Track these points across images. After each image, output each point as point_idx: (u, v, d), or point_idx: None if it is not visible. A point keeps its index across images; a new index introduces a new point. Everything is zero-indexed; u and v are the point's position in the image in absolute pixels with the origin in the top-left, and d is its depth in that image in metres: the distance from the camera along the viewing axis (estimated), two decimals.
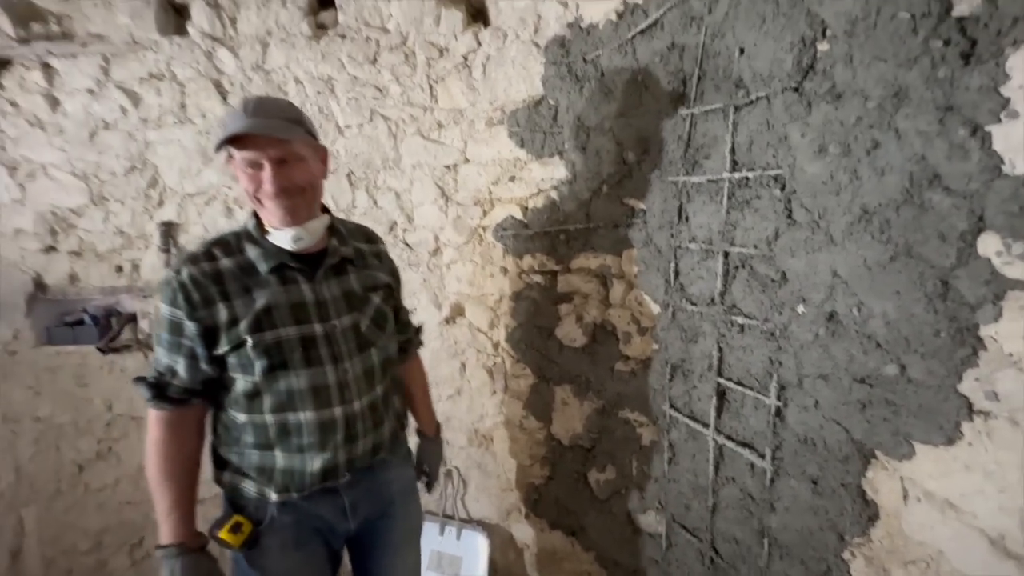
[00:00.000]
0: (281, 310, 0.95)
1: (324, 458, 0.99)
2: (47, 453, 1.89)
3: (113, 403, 1.88)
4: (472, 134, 1.69)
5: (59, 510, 1.92)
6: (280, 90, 1.73)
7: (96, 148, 1.74)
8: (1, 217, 1.77)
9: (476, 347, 1.76)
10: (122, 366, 1.86)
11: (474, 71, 1.67)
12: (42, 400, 1.87)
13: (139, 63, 1.70)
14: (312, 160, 0.98)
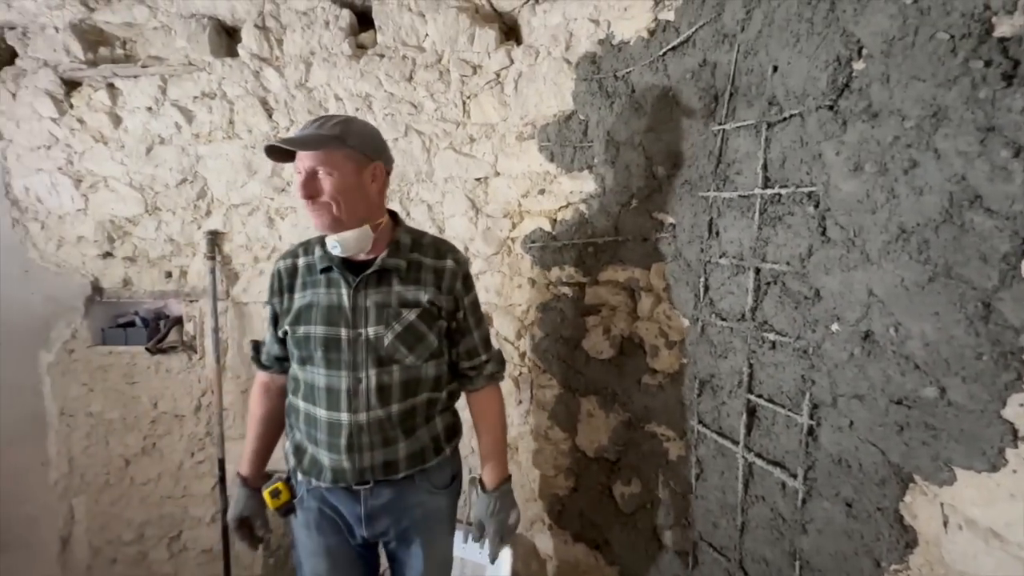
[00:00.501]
0: (317, 309, 1.05)
1: (332, 458, 1.05)
2: (98, 447, 2.00)
3: (158, 401, 1.98)
4: (503, 148, 1.73)
5: (106, 501, 2.02)
6: (321, 107, 1.81)
7: (152, 162, 1.86)
8: (66, 225, 1.90)
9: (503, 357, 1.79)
10: (168, 366, 1.96)
11: (506, 87, 1.71)
12: (95, 396, 1.99)
13: (193, 83, 1.81)
14: (349, 173, 1.00)
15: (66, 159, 1.87)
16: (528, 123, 1.69)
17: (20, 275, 1.92)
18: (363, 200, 1.03)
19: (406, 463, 1.07)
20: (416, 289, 1.07)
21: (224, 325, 1.91)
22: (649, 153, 1.42)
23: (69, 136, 1.86)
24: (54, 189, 1.87)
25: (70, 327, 1.95)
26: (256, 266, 1.90)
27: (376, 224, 1.06)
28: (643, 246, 1.49)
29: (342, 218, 1.00)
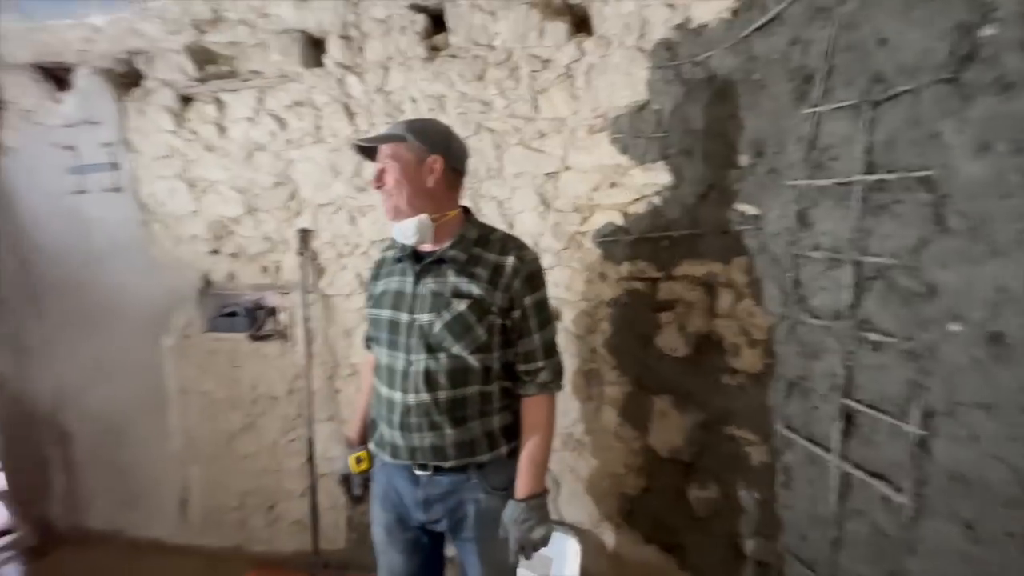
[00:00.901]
0: (388, 295, 1.15)
1: (390, 433, 1.13)
2: (208, 422, 2.26)
3: (257, 384, 2.19)
4: (573, 142, 1.72)
5: (215, 471, 2.27)
6: (398, 109, 1.90)
7: (251, 167, 2.05)
8: (182, 225, 2.15)
9: (572, 352, 1.78)
10: (265, 352, 2.16)
11: (576, 80, 1.70)
12: (206, 377, 2.23)
13: (286, 93, 1.97)
14: (408, 164, 1.08)
15: (182, 167, 2.11)
16: (599, 115, 1.67)
17: (147, 269, 2.21)
18: (420, 189, 1.09)
19: (454, 451, 1.09)
20: (470, 282, 1.08)
21: (312, 316, 2.07)
22: (730, 141, 1.34)
23: (184, 146, 2.10)
24: (173, 194, 2.12)
25: (186, 315, 2.20)
26: (340, 261, 2.03)
27: (440, 216, 1.11)
28: (722, 239, 1.42)
29: (401, 206, 1.09)
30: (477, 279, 1.08)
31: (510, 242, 1.14)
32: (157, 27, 2.00)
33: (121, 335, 2.28)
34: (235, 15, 1.94)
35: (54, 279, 2.32)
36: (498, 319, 1.09)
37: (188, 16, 1.96)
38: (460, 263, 1.09)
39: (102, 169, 2.17)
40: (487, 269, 1.09)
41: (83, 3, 2.01)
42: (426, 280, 1.10)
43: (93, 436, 2.40)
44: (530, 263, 1.12)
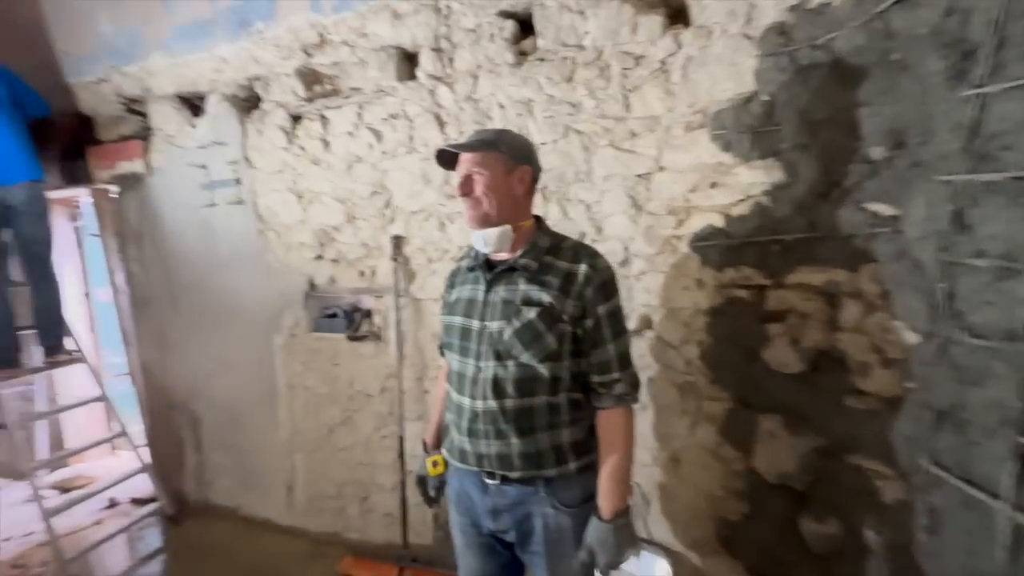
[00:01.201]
0: (461, 302, 1.17)
1: (459, 439, 1.14)
2: (311, 415, 2.44)
3: (354, 381, 2.33)
4: (668, 141, 1.62)
5: (316, 461, 2.46)
6: (486, 116, 1.92)
7: (351, 178, 2.18)
8: (292, 233, 2.35)
9: (665, 362, 1.68)
10: (361, 352, 2.29)
11: (672, 75, 1.60)
12: (309, 373, 2.42)
13: (382, 107, 2.08)
14: (499, 173, 1.10)
15: (292, 179, 2.31)
16: (698, 111, 1.56)
17: (262, 274, 2.44)
18: (509, 199, 1.11)
19: (521, 462, 1.07)
20: (540, 290, 1.08)
21: (404, 319, 2.16)
22: (861, 132, 1.18)
23: (294, 161, 2.29)
24: (284, 205, 2.33)
25: (294, 316, 2.41)
26: (430, 266, 2.10)
27: (519, 225, 1.13)
28: (848, 244, 1.25)
29: (491, 213, 1.10)
30: (548, 287, 1.07)
31: (582, 250, 1.13)
32: (272, 54, 2.20)
33: (241, 332, 2.55)
34: (338, 37, 2.08)
35: (189, 282, 2.65)
36: (569, 327, 1.07)
37: (298, 41, 2.13)
38: (531, 271, 1.10)
39: (228, 185, 2.43)
40: (558, 277, 1.08)
41: (213, 37, 2.27)
42: (497, 288, 1.12)
43: (217, 421, 2.70)
44: (603, 271, 1.10)
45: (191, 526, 2.69)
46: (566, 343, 1.07)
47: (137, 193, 2.69)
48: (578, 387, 1.12)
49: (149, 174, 2.64)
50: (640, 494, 1.79)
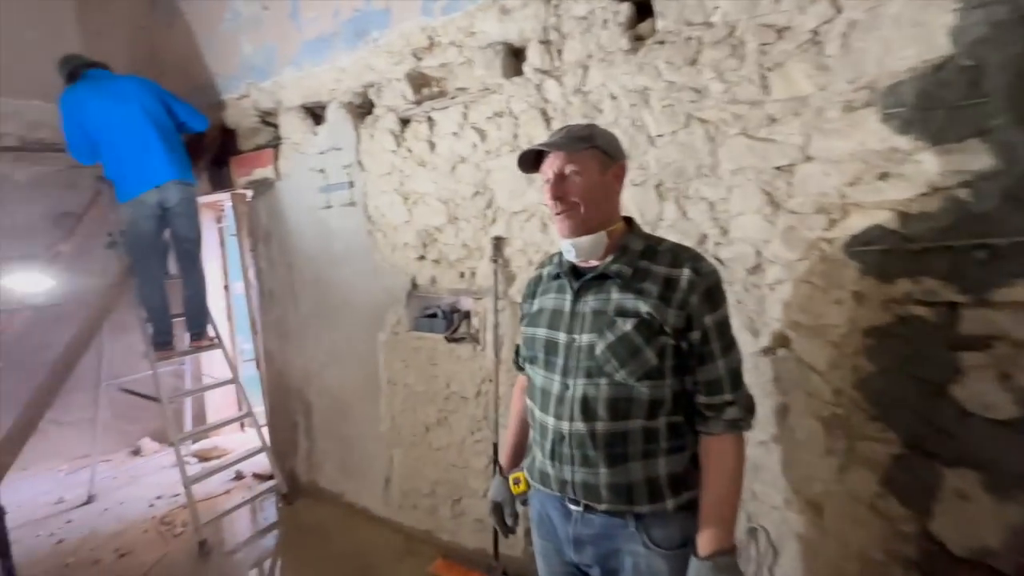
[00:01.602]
0: (545, 313, 1.08)
1: (540, 460, 1.05)
2: (409, 412, 2.49)
3: (450, 382, 2.33)
4: (819, 125, 1.36)
5: (412, 457, 2.50)
6: (596, 109, 1.79)
7: (455, 178, 2.18)
8: (398, 234, 2.41)
9: (806, 389, 1.42)
10: (459, 353, 2.28)
11: (827, 46, 1.34)
12: (409, 371, 2.47)
13: (487, 105, 2.04)
14: (595, 172, 1.00)
15: (399, 181, 2.37)
16: (862, 87, 1.28)
17: (370, 273, 2.54)
18: (606, 200, 1.03)
19: (608, 494, 0.96)
20: (636, 298, 0.96)
21: (502, 322, 2.10)
22: None
23: (402, 163, 2.35)
24: (392, 206, 2.40)
25: (396, 314, 2.47)
26: (530, 269, 2.02)
27: (609, 230, 1.03)
28: None
29: (588, 219, 1.00)
30: (645, 295, 0.96)
31: (682, 253, 1.01)
32: (385, 60, 2.27)
33: (350, 327, 2.68)
34: (446, 38, 2.08)
35: (307, 279, 2.85)
36: (671, 341, 0.94)
37: (409, 46, 2.17)
38: (625, 278, 0.99)
39: (342, 188, 2.57)
40: (657, 284, 0.97)
41: (335, 49, 2.41)
42: (586, 298, 1.02)
43: (327, 410, 2.88)
44: (708, 276, 0.97)
45: (301, 506, 2.90)
46: (668, 358, 0.95)
47: (267, 197, 2.97)
48: (680, 410, 0.99)
49: (278, 179, 2.89)
50: (767, 540, 1.53)
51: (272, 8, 2.64)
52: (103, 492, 3.09)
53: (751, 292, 1.52)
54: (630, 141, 1.71)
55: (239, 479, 3.22)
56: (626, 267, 0.99)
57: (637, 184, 1.71)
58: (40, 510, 2.93)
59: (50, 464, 3.47)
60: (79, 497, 3.03)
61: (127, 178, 2.57)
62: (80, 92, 2.53)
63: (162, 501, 2.98)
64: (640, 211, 1.71)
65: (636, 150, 1.70)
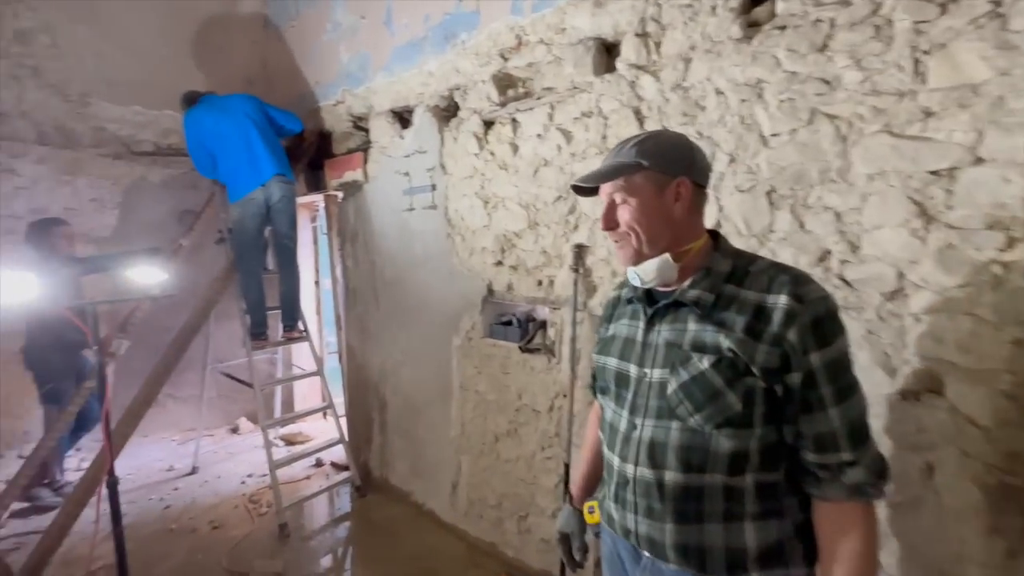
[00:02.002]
0: (617, 341, 0.97)
1: (607, 499, 0.96)
2: (480, 419, 2.44)
3: (522, 393, 2.24)
4: (997, 118, 1.09)
5: (480, 466, 2.45)
6: (697, 106, 1.61)
7: (537, 182, 2.09)
8: (476, 238, 2.38)
9: (962, 446, 1.14)
10: (532, 364, 2.19)
11: (1014, 20, 1.06)
12: (481, 378, 2.42)
13: (575, 105, 1.93)
14: (648, 196, 0.87)
15: (480, 185, 2.33)
16: None
17: (447, 276, 2.53)
18: (666, 224, 0.88)
19: (676, 556, 0.83)
20: (717, 331, 0.81)
21: (580, 335, 1.98)
22: None
23: (484, 166, 2.30)
24: (472, 210, 2.36)
25: (471, 319, 2.43)
26: (613, 280, 1.87)
27: (684, 249, 0.89)
28: None
29: (643, 249, 0.89)
30: (728, 328, 0.81)
31: (782, 275, 0.82)
32: (472, 62, 2.24)
33: (426, 329, 2.69)
34: (535, 36, 2.00)
35: (388, 278, 2.92)
36: (761, 383, 0.78)
37: (496, 47, 2.12)
38: (704, 306, 0.85)
39: (425, 190, 2.59)
40: (745, 313, 0.81)
41: (424, 54, 2.43)
42: (660, 327, 0.89)
43: (400, 408, 2.92)
44: (814, 304, 0.78)
45: (372, 500, 2.97)
46: (757, 404, 0.78)
47: (356, 198, 3.08)
48: (775, 466, 0.81)
49: (366, 181, 2.99)
50: None
51: (369, 16, 2.74)
52: (205, 464, 3.39)
53: (888, 322, 1.26)
54: (737, 142, 1.51)
55: (319, 466, 3.38)
56: (706, 293, 0.85)
57: (743, 190, 1.51)
58: (154, 475, 3.28)
59: (166, 433, 3.89)
60: (186, 467, 3.36)
61: (238, 180, 2.79)
62: (197, 112, 2.81)
63: (252, 480, 3.20)
64: (746, 221, 1.50)
65: (744, 152, 1.50)
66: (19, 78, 2.77)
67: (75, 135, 3.04)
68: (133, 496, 2.98)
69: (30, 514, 2.74)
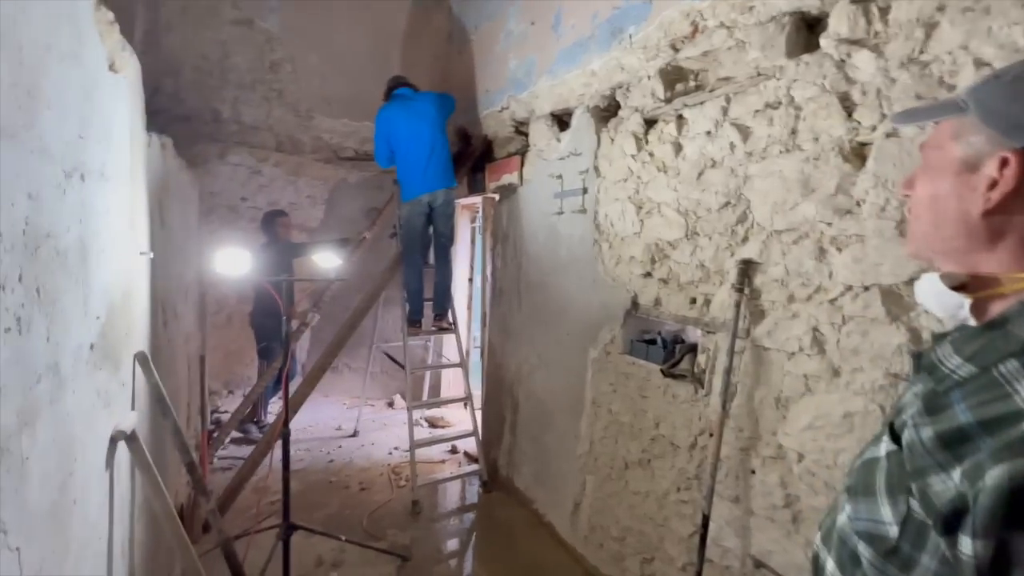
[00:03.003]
0: (903, 408, 0.57)
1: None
2: (610, 441, 2.26)
3: (660, 422, 2.00)
4: None
5: (606, 491, 2.27)
6: (942, 84, 1.20)
7: (700, 186, 1.83)
8: (624, 245, 2.21)
9: None
10: (675, 392, 1.93)
11: None
12: (615, 397, 2.24)
13: (757, 95, 1.63)
14: (949, 162, 0.55)
15: (635, 189, 2.15)
16: None
17: (590, 284, 2.41)
18: (952, 216, 0.55)
19: None
20: (949, 457, 0.45)
21: (738, 367, 1.67)
22: None
23: (640, 168, 2.12)
24: (623, 215, 2.20)
25: (611, 332, 2.27)
26: (790, 307, 1.53)
27: (991, 282, 0.52)
28: None
29: (919, 241, 0.60)
30: (957, 451, 0.45)
31: None
32: (638, 57, 2.08)
33: (563, 336, 2.61)
34: (714, 20, 1.75)
35: (532, 280, 2.92)
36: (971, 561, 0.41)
37: (667, 37, 1.92)
38: (954, 385, 0.49)
39: (575, 194, 2.51)
40: (1001, 435, 0.42)
41: (588, 53, 2.35)
42: (919, 414, 0.51)
43: (531, 412, 2.90)
44: None
45: (496, 498, 3.01)
46: None
47: (510, 201, 3.16)
48: None
49: (520, 184, 3.04)
50: None
51: (538, 21, 2.77)
52: (364, 431, 3.86)
53: None
54: None
55: (454, 452, 3.57)
56: (968, 364, 0.49)
57: None
58: (327, 432, 3.86)
59: (340, 397, 4.56)
60: (349, 429, 3.87)
61: (411, 182, 3.10)
62: (390, 111, 3.16)
63: (397, 452, 3.53)
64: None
65: None
66: (268, 99, 3.51)
67: (301, 144, 3.74)
68: (309, 445, 3.54)
69: (241, 443, 3.45)
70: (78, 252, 0.92)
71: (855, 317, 1.36)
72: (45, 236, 0.77)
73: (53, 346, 0.79)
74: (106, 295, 1.12)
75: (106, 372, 1.12)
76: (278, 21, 3.49)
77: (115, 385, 1.20)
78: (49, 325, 0.77)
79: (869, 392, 1.32)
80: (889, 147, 1.29)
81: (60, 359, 0.81)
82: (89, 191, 0.99)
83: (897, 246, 1.27)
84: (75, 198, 0.91)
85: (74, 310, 0.90)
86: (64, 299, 0.85)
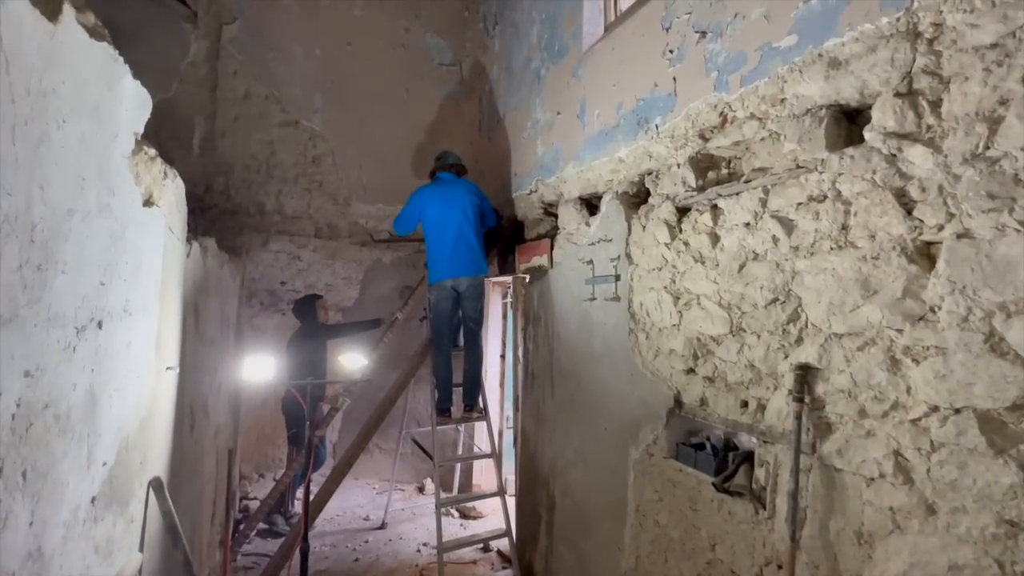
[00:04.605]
0: None
1: None
2: (659, 558, 2.00)
3: (716, 544, 1.75)
4: None
5: None
6: (1017, 183, 1.07)
7: (743, 280, 1.71)
8: (663, 337, 2.06)
9: None
10: (731, 509, 1.70)
11: None
12: (662, 507, 2.00)
13: (799, 188, 1.53)
14: None
15: (670, 278, 2.04)
16: None
17: (627, 376, 2.25)
18: None
19: None
20: None
21: (805, 487, 1.44)
22: None
23: (675, 258, 2.02)
24: (659, 305, 2.08)
25: (653, 432, 2.07)
26: (862, 423, 1.33)
27: None
28: None
29: None
30: None
31: None
32: (666, 145, 2.05)
33: (599, 431, 2.42)
34: (744, 112, 1.71)
35: (565, 367, 2.78)
36: None
37: (695, 127, 1.89)
38: None
39: (607, 280, 2.42)
40: None
41: (614, 141, 2.35)
42: None
43: (568, 513, 2.65)
44: None
45: None
46: None
47: (540, 283, 3.11)
48: None
49: (551, 267, 2.99)
50: None
51: (564, 112, 2.84)
52: (392, 521, 3.66)
53: None
54: None
55: (486, 551, 3.29)
56: None
57: None
58: (354, 523, 3.68)
59: (370, 479, 4.39)
60: (377, 520, 3.67)
61: (438, 266, 3.11)
62: (427, 193, 3.25)
63: (426, 549, 3.29)
64: None
65: None
66: (310, 190, 3.71)
67: (338, 229, 3.89)
68: (335, 540, 3.36)
69: (267, 536, 3.31)
70: (85, 406, 0.89)
71: (947, 444, 1.15)
72: (42, 408, 0.73)
73: (38, 528, 0.73)
74: (119, 433, 1.08)
75: (111, 517, 1.06)
76: (321, 120, 3.76)
77: (121, 527, 1.13)
78: (34, 507, 0.72)
79: (979, 541, 1.09)
80: (962, 249, 1.15)
81: (44, 541, 0.75)
82: (107, 335, 0.98)
83: (990, 363, 1.09)
84: (87, 350, 0.89)
85: (72, 472, 0.85)
86: (59, 467, 0.80)
